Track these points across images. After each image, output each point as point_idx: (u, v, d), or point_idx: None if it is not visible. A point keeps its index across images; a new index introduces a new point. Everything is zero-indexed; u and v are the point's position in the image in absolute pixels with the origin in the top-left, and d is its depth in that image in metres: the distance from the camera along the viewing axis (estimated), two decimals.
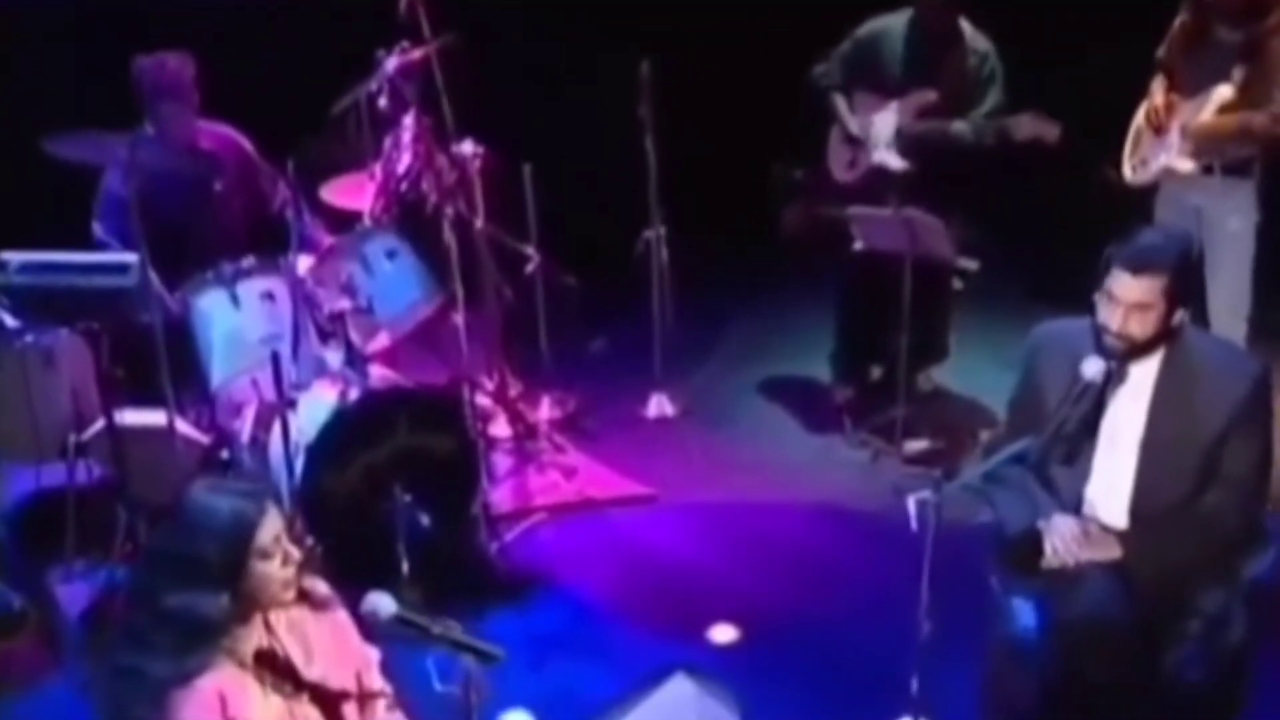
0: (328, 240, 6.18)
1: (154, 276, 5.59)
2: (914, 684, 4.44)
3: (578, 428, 6.95)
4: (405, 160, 6.25)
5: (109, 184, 6.20)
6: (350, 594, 3.72)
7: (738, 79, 8.26)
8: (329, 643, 3.72)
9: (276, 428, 5.63)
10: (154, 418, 5.74)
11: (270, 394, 5.67)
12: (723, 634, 5.51)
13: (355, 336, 5.89)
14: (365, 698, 3.79)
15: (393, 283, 6.05)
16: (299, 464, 5.58)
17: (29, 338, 5.84)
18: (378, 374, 5.93)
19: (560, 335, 7.10)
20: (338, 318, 5.83)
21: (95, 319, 5.55)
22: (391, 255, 6.08)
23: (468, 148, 6.46)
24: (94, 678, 3.68)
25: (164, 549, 3.54)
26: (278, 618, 3.65)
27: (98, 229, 6.29)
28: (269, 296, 5.85)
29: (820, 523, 6.19)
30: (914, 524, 4.20)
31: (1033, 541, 4.44)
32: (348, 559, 5.23)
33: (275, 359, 5.47)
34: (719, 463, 6.68)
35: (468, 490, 5.92)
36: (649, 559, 6.02)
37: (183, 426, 5.91)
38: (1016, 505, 4.48)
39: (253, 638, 3.60)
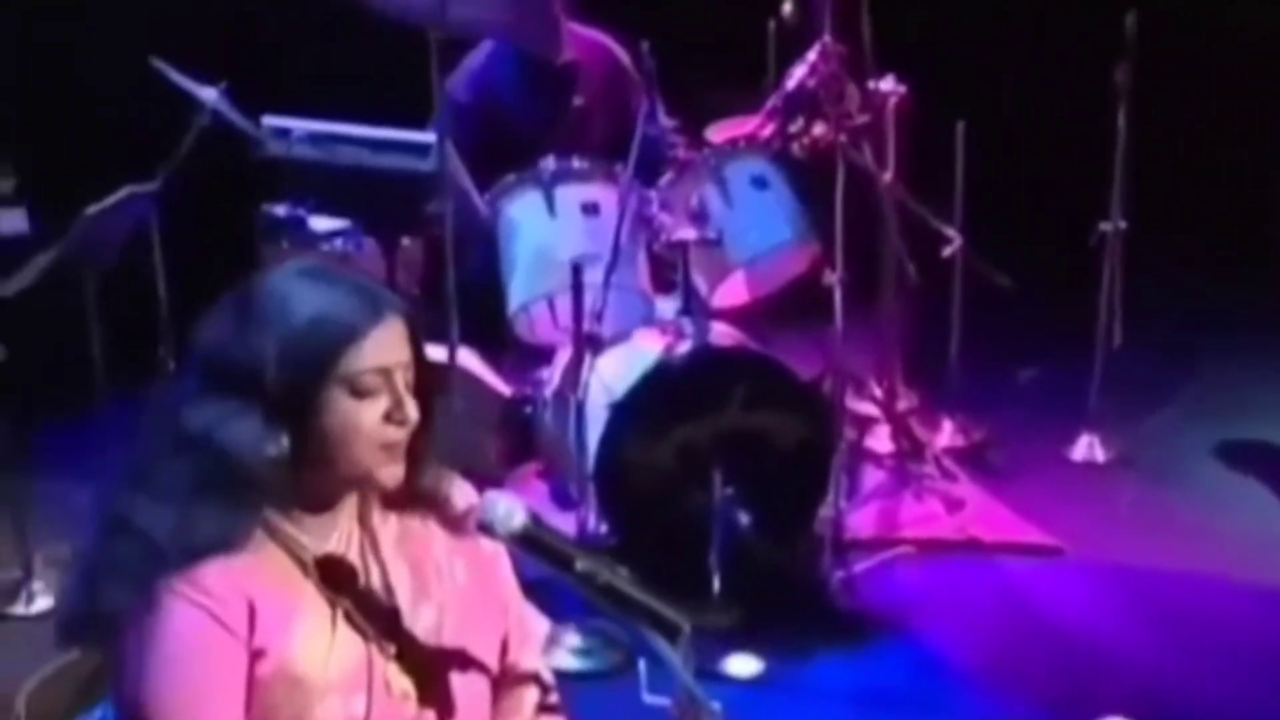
0: (683, 154, 4.97)
1: (461, 167, 4.53)
2: None
3: (980, 461, 5.60)
4: (799, 75, 4.99)
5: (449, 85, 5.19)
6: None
7: (1249, 43, 6.79)
8: (461, 583, 2.40)
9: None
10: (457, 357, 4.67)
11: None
12: None
13: (699, 279, 4.74)
14: (508, 682, 2.46)
15: (755, 215, 4.86)
16: (598, 425, 4.49)
17: (337, 242, 4.94)
18: (719, 330, 4.75)
19: (976, 345, 5.74)
20: (678, 248, 4.69)
21: (379, 208, 4.54)
22: (760, 183, 4.89)
23: (887, 84, 5.24)
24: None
25: (206, 349, 2.24)
26: (384, 517, 2.36)
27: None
28: (592, 209, 4.78)
29: None
30: None
31: None
32: (644, 559, 3.95)
33: (576, 273, 4.33)
34: (1154, 523, 5.24)
35: (811, 499, 4.77)
36: (1038, 621, 4.72)
37: (478, 368, 4.88)
38: None
39: (330, 532, 2.30)
